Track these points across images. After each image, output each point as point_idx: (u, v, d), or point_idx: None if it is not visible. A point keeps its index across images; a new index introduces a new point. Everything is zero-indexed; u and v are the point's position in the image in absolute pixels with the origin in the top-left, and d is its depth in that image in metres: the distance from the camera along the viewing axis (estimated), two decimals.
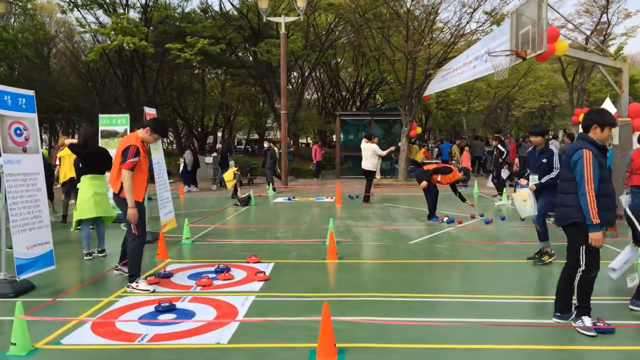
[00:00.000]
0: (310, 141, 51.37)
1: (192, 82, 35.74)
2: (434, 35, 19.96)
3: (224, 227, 10.37)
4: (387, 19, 19.42)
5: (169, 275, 6.39)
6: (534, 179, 6.90)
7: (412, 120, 20.45)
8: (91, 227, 7.75)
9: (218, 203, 14.51)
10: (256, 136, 45.29)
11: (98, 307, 5.28)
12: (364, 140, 14.00)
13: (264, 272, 6.38)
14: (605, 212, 4.28)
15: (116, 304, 5.34)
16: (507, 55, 11.15)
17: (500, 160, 14.72)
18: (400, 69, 20.56)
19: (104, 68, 31.22)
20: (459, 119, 42.09)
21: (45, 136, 51.26)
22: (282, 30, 19.66)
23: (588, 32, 21.07)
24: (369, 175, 13.94)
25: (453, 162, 19.86)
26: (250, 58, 28.86)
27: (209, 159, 24.21)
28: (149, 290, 5.70)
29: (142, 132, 5.85)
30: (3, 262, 5.84)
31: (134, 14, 25.18)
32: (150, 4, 25.05)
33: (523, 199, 6.97)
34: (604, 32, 21.54)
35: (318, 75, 34.94)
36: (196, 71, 34.44)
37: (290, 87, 31.62)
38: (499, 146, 14.74)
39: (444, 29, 20.65)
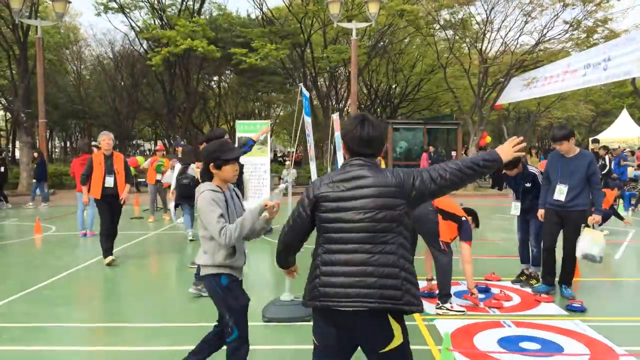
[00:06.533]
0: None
1: (207, 89, 35.12)
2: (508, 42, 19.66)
3: None
4: (464, 25, 19.19)
5: (434, 295, 5.88)
6: (517, 206, 6.32)
7: (483, 129, 20.16)
8: None
9: None
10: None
11: (425, 332, 4.75)
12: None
13: (546, 293, 5.88)
14: None
15: (441, 328, 4.80)
16: None
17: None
18: (471, 76, 20.33)
19: (136, 73, 30.53)
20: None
21: (57, 142, 50.18)
22: (354, 36, 19.30)
23: None
24: None
25: None
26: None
27: None
28: (463, 312, 5.20)
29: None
30: (287, 281, 5.29)
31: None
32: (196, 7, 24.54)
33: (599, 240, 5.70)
34: None
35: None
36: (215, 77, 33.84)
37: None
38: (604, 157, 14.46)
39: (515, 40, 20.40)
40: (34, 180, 15.26)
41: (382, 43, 26.64)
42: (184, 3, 23.46)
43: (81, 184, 7.59)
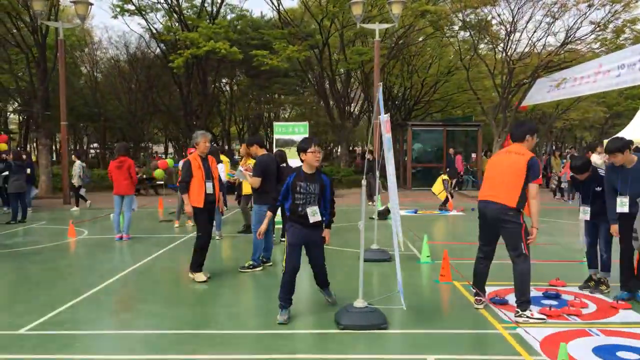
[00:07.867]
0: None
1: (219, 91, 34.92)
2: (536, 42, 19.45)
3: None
4: (487, 25, 18.99)
5: (505, 302, 5.69)
6: (586, 210, 6.09)
7: (507, 130, 19.92)
8: None
9: (349, 217, 13.73)
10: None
11: (512, 341, 4.55)
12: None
13: (623, 300, 5.68)
14: None
15: (526, 337, 4.61)
16: None
17: None
18: (493, 77, 20.13)
19: (152, 76, 30.48)
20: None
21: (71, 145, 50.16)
22: (377, 37, 19.09)
23: None
24: None
25: (552, 174, 19.36)
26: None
27: None
28: (543, 319, 5.02)
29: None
30: (361, 288, 5.11)
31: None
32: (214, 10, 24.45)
33: None
34: None
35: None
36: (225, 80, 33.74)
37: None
38: None
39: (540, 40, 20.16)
40: None
41: (396, 45, 26.42)
42: (203, 5, 23.39)
43: (181, 192, 6.65)
